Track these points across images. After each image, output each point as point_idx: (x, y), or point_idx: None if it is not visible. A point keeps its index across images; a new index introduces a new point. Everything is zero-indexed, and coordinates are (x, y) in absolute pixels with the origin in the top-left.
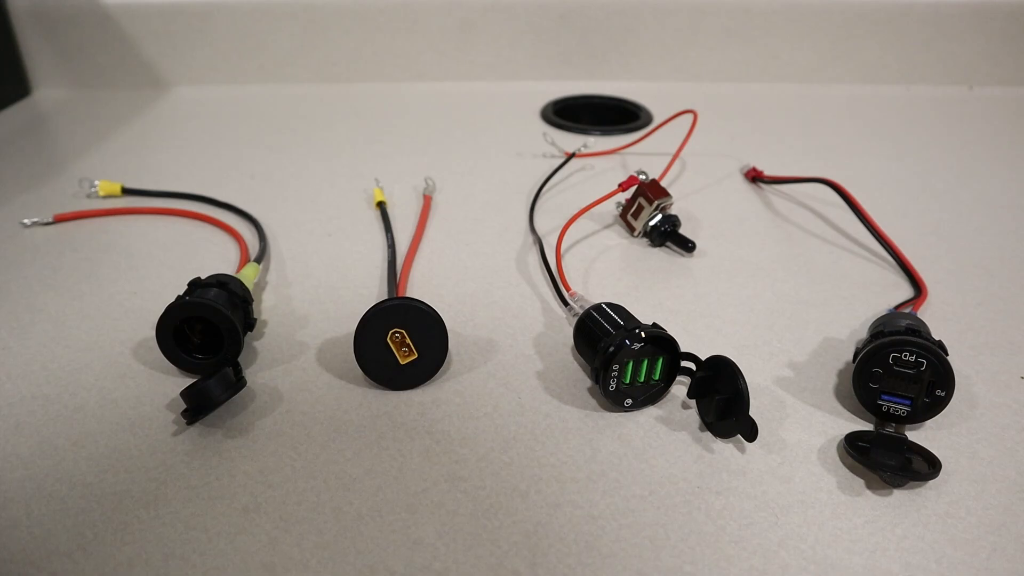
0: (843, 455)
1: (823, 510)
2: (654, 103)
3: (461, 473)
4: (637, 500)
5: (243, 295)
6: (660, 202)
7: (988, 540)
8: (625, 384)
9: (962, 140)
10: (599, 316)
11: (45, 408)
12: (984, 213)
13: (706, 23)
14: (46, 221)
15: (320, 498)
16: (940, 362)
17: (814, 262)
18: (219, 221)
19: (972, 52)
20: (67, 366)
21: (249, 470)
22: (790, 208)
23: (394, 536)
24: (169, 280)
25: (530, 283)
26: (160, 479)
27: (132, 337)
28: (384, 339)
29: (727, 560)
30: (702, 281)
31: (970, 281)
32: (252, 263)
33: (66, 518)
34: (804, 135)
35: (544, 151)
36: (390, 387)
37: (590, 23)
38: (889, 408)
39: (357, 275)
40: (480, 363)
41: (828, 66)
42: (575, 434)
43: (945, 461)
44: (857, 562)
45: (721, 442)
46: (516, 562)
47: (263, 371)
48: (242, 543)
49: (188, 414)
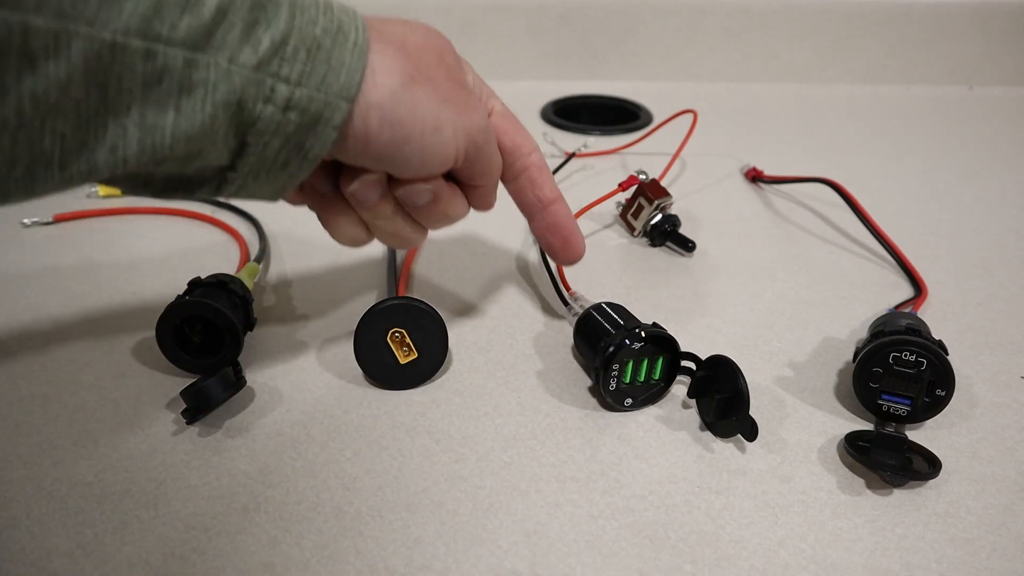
0: (843, 455)
1: (823, 510)
2: (654, 103)
3: (461, 473)
4: (637, 500)
5: (243, 295)
6: (660, 202)
7: (988, 540)
8: (625, 384)
9: (962, 140)
10: (599, 316)
11: (45, 408)
12: (984, 213)
13: (706, 23)
14: (46, 221)
15: (320, 498)
16: (940, 362)
17: (814, 262)
18: (219, 221)
19: (972, 52)
20: (67, 366)
21: (249, 470)
22: (790, 208)
23: (394, 536)
24: (169, 280)
25: (530, 283)
26: (160, 479)
27: (132, 337)
28: (384, 339)
29: (727, 560)
30: (702, 281)
31: (970, 281)
32: (252, 263)
33: (66, 518)
34: (804, 135)
35: (544, 151)
36: (390, 387)
37: (590, 23)
38: (889, 408)
39: (357, 275)
40: (480, 363)
41: (828, 66)
42: (575, 434)
43: (945, 461)
44: (857, 562)
45: (721, 442)
46: (516, 562)
47: (263, 371)
48: (242, 543)
49: (188, 414)
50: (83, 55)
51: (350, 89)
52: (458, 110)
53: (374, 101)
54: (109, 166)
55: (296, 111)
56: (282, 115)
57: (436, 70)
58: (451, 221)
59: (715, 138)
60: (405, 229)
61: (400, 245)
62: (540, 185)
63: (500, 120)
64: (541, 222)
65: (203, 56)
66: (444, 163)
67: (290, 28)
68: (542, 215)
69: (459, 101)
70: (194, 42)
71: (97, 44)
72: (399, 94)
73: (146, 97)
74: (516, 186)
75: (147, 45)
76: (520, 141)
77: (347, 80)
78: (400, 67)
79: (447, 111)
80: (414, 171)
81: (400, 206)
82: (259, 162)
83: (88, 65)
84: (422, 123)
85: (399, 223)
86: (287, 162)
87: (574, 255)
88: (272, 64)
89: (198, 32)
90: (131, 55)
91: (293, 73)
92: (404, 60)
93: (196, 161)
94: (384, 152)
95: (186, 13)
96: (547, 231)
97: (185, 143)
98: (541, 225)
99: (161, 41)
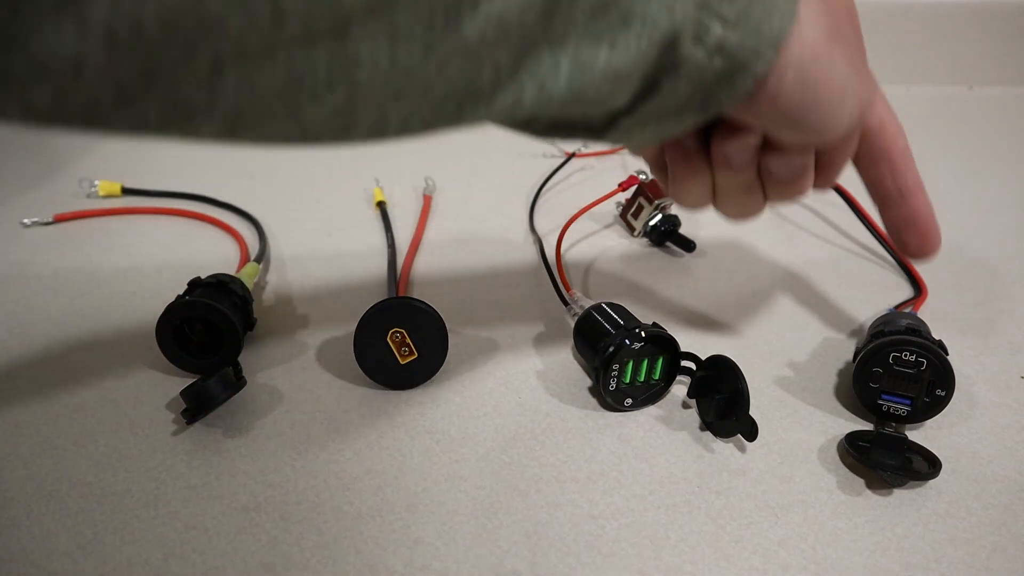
0: (843, 455)
1: (823, 510)
2: None
3: (461, 473)
4: (637, 500)
5: (243, 295)
6: (660, 202)
7: (988, 540)
8: (625, 384)
9: (962, 140)
10: (599, 316)
11: (45, 408)
12: (984, 213)
13: None
14: (46, 221)
15: (320, 498)
16: (940, 362)
17: (814, 262)
18: (219, 221)
19: (972, 52)
20: (67, 366)
21: (249, 470)
22: (790, 208)
23: (394, 536)
24: (169, 280)
25: (530, 283)
26: (160, 479)
27: (132, 337)
28: (384, 339)
29: (727, 560)
30: (702, 281)
31: (970, 281)
32: (252, 263)
33: (66, 518)
34: None
35: (544, 151)
36: (390, 387)
37: None
38: (889, 408)
39: (357, 275)
40: (480, 363)
41: None
42: (575, 434)
43: (945, 461)
44: (857, 562)
45: (721, 442)
46: (516, 562)
47: (263, 371)
48: (242, 543)
49: (188, 414)
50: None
51: (781, 36)
52: (861, 79)
53: (794, 56)
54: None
55: (723, 56)
56: (708, 59)
57: (848, 29)
58: (796, 199)
59: None
60: (754, 200)
61: (737, 216)
62: (903, 173)
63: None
64: (898, 213)
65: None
66: (837, 135)
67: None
68: (900, 205)
69: (861, 68)
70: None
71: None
72: (819, 52)
73: (587, 28)
74: (874, 171)
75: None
76: (887, 118)
77: (780, 25)
78: (823, 20)
79: (853, 79)
80: (805, 139)
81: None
82: (658, 109)
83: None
84: (832, 89)
85: (752, 193)
86: (683, 111)
87: (930, 251)
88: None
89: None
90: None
91: (732, 12)
92: (825, 12)
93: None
94: (787, 113)
95: None
96: (905, 225)
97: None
98: (897, 216)
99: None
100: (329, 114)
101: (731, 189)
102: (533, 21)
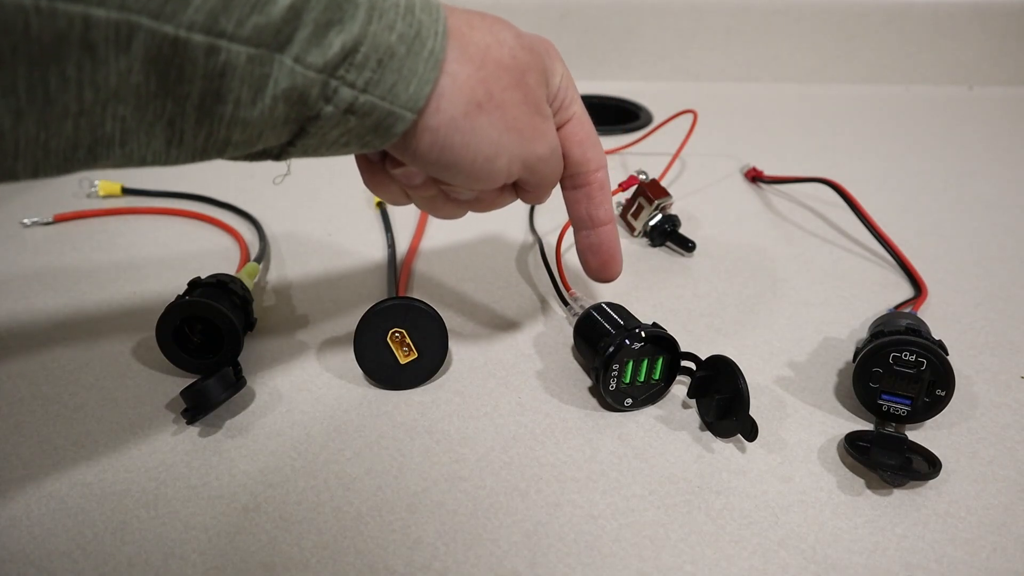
0: (843, 455)
1: (823, 510)
2: (654, 103)
3: (461, 473)
4: (637, 500)
5: (243, 295)
6: (660, 202)
7: (988, 540)
8: (625, 384)
9: (962, 140)
10: (599, 316)
11: (45, 408)
12: (984, 213)
13: (706, 23)
14: (46, 221)
15: (320, 498)
16: (940, 362)
17: (814, 262)
18: (219, 221)
19: (972, 52)
20: (67, 366)
21: (249, 470)
22: (790, 208)
23: (394, 536)
24: (169, 280)
25: (530, 283)
26: (160, 479)
27: (132, 337)
28: (384, 339)
29: (727, 560)
30: (702, 281)
31: (970, 281)
32: (252, 263)
33: (66, 518)
34: (804, 135)
35: None
36: (390, 387)
37: (590, 23)
38: (889, 408)
39: (357, 275)
40: (480, 363)
41: (828, 66)
42: (575, 434)
43: (945, 461)
44: (857, 562)
45: (721, 442)
46: (516, 562)
47: (263, 371)
48: (242, 543)
49: (188, 414)
50: (144, 47)
51: (417, 101)
52: (521, 139)
53: (431, 124)
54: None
55: (357, 115)
56: (342, 116)
57: (511, 93)
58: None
59: (715, 138)
60: (445, 209)
61: (438, 217)
62: (597, 204)
63: (576, 128)
64: (586, 239)
65: (267, 54)
66: (491, 185)
67: (364, 33)
68: (589, 233)
69: (525, 129)
70: (260, 40)
71: (159, 38)
72: (458, 122)
73: (206, 88)
74: (573, 196)
75: (210, 41)
76: (590, 155)
77: (416, 92)
78: (469, 93)
79: (508, 140)
80: (459, 186)
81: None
82: (319, 143)
83: (149, 56)
84: (475, 152)
85: (439, 203)
86: (347, 145)
87: (608, 277)
88: (339, 69)
89: (265, 30)
90: (193, 50)
91: (360, 80)
92: (476, 83)
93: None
94: (430, 166)
95: (255, 11)
96: (589, 249)
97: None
98: (585, 242)
99: (225, 37)
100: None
101: (417, 200)
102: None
